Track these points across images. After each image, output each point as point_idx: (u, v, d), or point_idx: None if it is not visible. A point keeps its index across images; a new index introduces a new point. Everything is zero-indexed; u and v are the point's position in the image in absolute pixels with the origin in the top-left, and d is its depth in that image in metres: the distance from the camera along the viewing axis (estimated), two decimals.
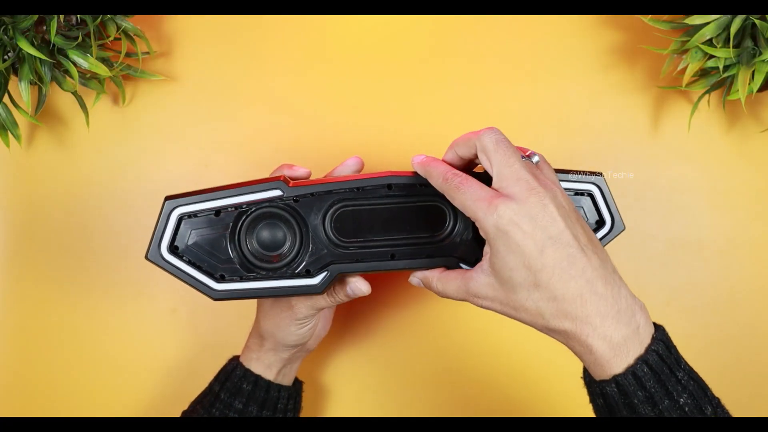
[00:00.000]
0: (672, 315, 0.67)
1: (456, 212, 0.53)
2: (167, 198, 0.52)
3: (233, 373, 0.59)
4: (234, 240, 0.52)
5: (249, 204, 0.52)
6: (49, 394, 0.70)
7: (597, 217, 0.55)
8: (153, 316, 0.70)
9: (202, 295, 0.69)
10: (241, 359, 0.60)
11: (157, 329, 0.69)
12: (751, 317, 0.67)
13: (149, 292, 0.70)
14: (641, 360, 0.44)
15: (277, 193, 0.52)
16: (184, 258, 0.52)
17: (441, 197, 0.52)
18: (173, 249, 0.52)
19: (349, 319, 0.70)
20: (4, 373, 0.70)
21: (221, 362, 0.61)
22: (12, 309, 0.70)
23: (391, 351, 0.70)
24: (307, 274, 0.52)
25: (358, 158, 0.57)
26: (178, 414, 0.60)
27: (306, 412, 0.65)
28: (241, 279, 0.52)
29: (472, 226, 0.53)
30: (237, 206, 0.52)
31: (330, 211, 0.52)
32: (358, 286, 0.54)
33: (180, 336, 0.69)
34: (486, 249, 0.47)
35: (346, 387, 0.70)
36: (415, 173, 0.52)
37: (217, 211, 0.52)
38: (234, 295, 0.52)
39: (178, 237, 0.52)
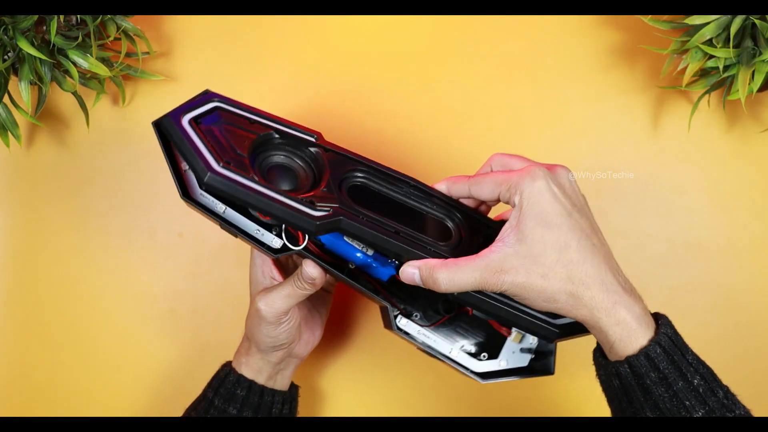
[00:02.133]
0: (672, 315, 0.67)
1: (461, 235, 0.53)
2: (209, 90, 0.50)
3: (226, 379, 0.58)
4: (256, 146, 0.50)
5: (282, 133, 0.51)
6: (49, 394, 0.70)
7: None
8: (153, 316, 0.69)
9: (201, 295, 0.69)
10: (233, 364, 0.59)
11: (157, 329, 0.69)
12: (751, 317, 0.67)
13: (149, 292, 0.70)
14: (654, 342, 0.45)
15: (311, 139, 0.51)
16: (199, 133, 0.48)
17: (451, 218, 0.53)
18: (195, 122, 0.49)
19: (345, 322, 0.70)
20: (4, 373, 0.70)
21: (221, 362, 0.61)
22: (12, 309, 0.70)
23: (388, 354, 0.69)
24: (311, 204, 0.48)
25: None
26: (177, 414, 0.60)
27: (303, 416, 0.65)
28: (244, 174, 0.47)
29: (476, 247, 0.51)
30: (271, 128, 0.51)
31: (350, 178, 0.51)
32: (308, 269, 0.51)
33: (180, 336, 0.69)
34: (507, 224, 0.47)
35: (343, 391, 0.69)
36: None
37: (252, 121, 0.51)
38: (227, 186, 0.46)
39: (205, 119, 0.49)
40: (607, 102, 0.69)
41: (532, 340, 0.56)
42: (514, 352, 0.55)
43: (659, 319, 0.47)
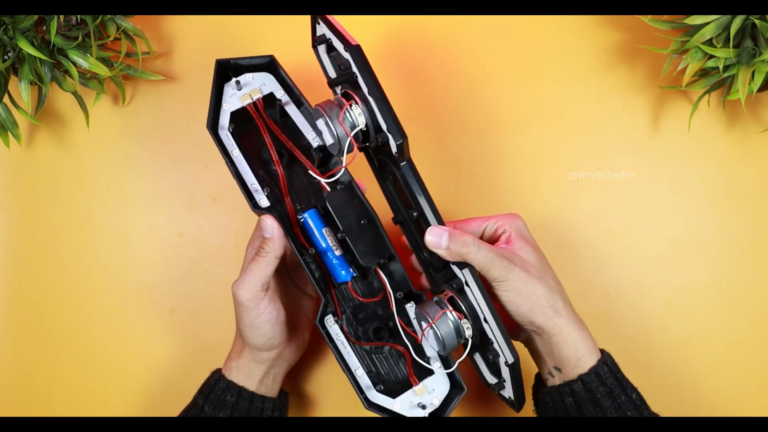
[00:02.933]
0: (672, 315, 0.67)
1: None
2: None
3: (216, 386, 0.58)
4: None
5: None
6: (49, 394, 0.70)
7: None
8: (153, 316, 0.69)
9: (201, 296, 0.69)
10: (223, 370, 0.59)
11: (157, 329, 0.69)
12: (751, 317, 0.67)
13: (149, 292, 0.70)
14: (601, 362, 0.53)
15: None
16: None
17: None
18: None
19: None
20: (4, 373, 0.70)
21: (221, 363, 0.61)
22: (12, 309, 0.70)
23: None
24: None
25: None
26: (176, 414, 0.60)
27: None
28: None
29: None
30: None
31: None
32: (264, 220, 0.55)
33: (180, 336, 0.69)
34: (498, 245, 0.55)
35: (333, 396, 0.68)
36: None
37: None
38: (365, 61, 0.52)
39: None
40: (607, 102, 0.69)
41: (432, 401, 0.57)
42: (411, 401, 0.57)
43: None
